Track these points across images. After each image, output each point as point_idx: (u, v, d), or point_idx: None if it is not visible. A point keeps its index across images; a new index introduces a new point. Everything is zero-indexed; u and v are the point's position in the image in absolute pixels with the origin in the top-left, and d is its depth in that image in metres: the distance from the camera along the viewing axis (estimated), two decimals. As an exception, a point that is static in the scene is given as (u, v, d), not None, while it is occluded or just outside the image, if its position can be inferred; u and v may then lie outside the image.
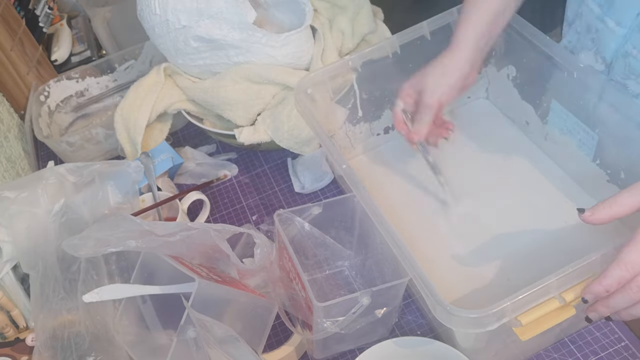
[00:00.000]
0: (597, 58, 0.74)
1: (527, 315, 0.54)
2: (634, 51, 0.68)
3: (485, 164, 0.85)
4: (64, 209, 0.81)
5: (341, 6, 0.95)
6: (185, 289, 0.69)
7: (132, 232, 0.68)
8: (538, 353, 0.68)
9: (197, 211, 0.90)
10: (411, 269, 0.59)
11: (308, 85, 0.79)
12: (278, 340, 0.76)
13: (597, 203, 0.54)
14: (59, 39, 1.33)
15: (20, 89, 1.17)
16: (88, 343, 0.70)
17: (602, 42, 0.72)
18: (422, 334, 0.72)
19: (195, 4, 0.84)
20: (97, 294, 0.68)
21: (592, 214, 0.54)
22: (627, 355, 0.67)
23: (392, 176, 0.87)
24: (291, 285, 0.70)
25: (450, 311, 0.54)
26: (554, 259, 0.71)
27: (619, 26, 0.69)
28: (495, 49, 0.86)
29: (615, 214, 0.53)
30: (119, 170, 0.86)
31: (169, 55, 0.92)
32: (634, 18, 0.67)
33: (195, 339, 0.60)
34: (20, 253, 0.78)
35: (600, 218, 0.54)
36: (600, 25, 0.71)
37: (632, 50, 0.68)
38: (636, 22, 0.67)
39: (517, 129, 0.88)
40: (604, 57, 0.73)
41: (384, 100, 0.88)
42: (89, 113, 1.15)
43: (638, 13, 0.66)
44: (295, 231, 0.71)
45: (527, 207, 0.79)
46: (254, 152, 1.00)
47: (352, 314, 0.62)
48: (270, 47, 0.87)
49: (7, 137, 1.06)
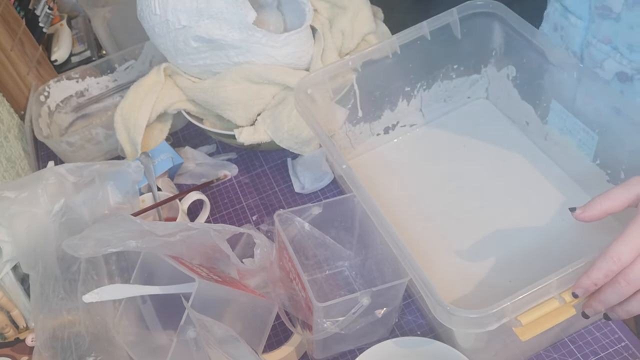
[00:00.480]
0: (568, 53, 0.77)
1: (527, 315, 0.54)
2: (593, 40, 0.72)
3: (485, 164, 0.85)
4: (64, 209, 0.81)
5: (341, 6, 0.95)
6: (185, 289, 0.69)
7: (132, 232, 0.68)
8: (538, 353, 0.68)
9: (197, 211, 0.90)
10: (411, 269, 0.59)
11: (308, 85, 0.79)
12: (278, 340, 0.76)
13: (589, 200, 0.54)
14: (59, 39, 1.33)
15: (20, 89, 1.17)
16: (88, 343, 0.70)
17: (569, 37, 0.76)
18: (422, 334, 0.72)
19: (195, 4, 0.84)
20: (97, 294, 0.68)
21: (583, 211, 0.54)
22: (627, 355, 0.67)
23: (392, 176, 0.87)
24: (291, 286, 0.70)
25: (450, 311, 0.54)
26: (554, 259, 0.71)
27: (579, 20, 0.73)
28: (496, 48, 0.86)
29: (607, 210, 0.53)
30: (119, 170, 0.86)
31: (169, 55, 0.92)
32: (588, 10, 0.71)
33: (195, 339, 0.60)
34: (20, 253, 0.78)
35: (592, 214, 0.54)
36: (564, 21, 0.75)
37: (592, 40, 0.72)
38: (589, 13, 0.71)
39: (517, 129, 0.88)
40: (574, 51, 0.76)
41: (384, 100, 0.88)
42: (89, 113, 1.15)
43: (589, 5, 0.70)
44: (295, 231, 0.71)
45: (527, 207, 0.79)
46: (254, 152, 1.00)
47: (352, 314, 0.62)
48: (270, 47, 0.87)
49: (7, 137, 1.06)
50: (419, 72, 0.87)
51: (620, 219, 0.67)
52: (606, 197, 0.54)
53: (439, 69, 0.88)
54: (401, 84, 0.87)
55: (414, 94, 0.89)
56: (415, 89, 0.88)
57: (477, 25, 0.82)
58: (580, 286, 0.53)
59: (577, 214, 0.54)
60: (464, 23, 0.81)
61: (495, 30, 0.84)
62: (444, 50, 0.85)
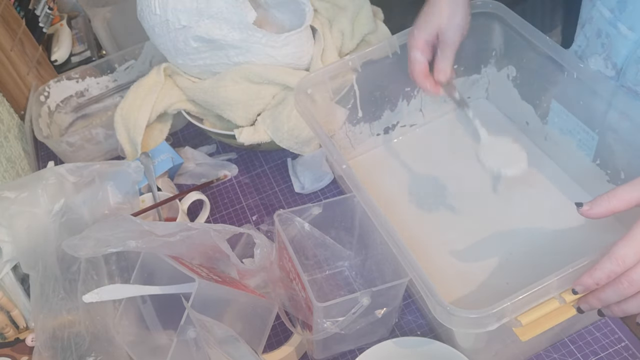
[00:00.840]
0: (607, 64, 0.73)
1: (527, 315, 0.54)
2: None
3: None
4: (64, 209, 0.81)
5: (341, 6, 0.95)
6: (185, 289, 0.69)
7: (132, 232, 0.68)
8: (538, 353, 0.68)
9: (197, 211, 0.90)
10: (411, 269, 0.59)
11: (308, 85, 0.79)
12: (278, 340, 0.76)
13: (596, 197, 0.54)
14: (59, 39, 1.33)
15: (20, 89, 1.17)
16: (88, 343, 0.70)
17: (613, 47, 0.71)
18: (422, 334, 0.72)
19: (195, 4, 0.84)
20: (97, 294, 0.68)
21: (591, 207, 0.54)
22: (627, 355, 0.67)
23: (392, 176, 0.87)
24: (291, 286, 0.70)
25: (450, 311, 0.54)
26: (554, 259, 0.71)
27: (631, 31, 0.68)
28: (496, 48, 0.86)
29: (614, 208, 0.53)
30: (119, 170, 0.86)
31: (169, 55, 0.92)
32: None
33: (195, 339, 0.60)
34: (20, 253, 0.78)
35: (599, 212, 0.54)
36: (612, 30, 0.70)
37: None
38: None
39: (517, 129, 0.88)
40: (614, 62, 0.72)
41: (384, 100, 0.88)
42: (89, 113, 1.15)
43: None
44: (295, 231, 0.71)
45: (527, 207, 0.79)
46: (254, 152, 1.00)
47: (352, 314, 0.62)
48: (270, 47, 0.87)
49: (7, 137, 1.06)
50: (419, 72, 0.87)
51: (620, 219, 0.67)
52: (613, 196, 0.53)
53: (439, 69, 0.88)
54: (401, 84, 0.87)
55: (414, 94, 0.89)
56: (415, 89, 0.88)
57: (477, 25, 0.82)
58: (581, 284, 0.53)
59: (584, 210, 0.54)
60: (464, 23, 0.81)
61: (495, 30, 0.84)
62: (444, 50, 0.85)
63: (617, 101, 0.68)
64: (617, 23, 0.69)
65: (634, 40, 0.68)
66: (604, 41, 0.73)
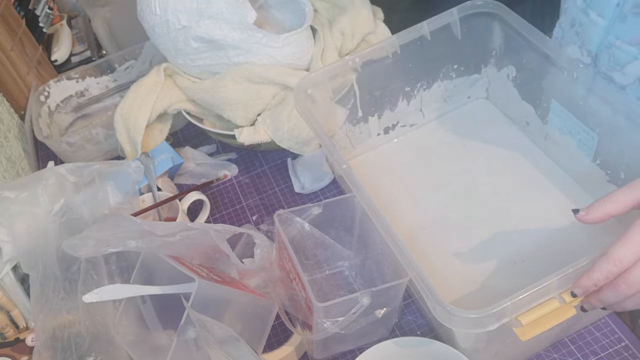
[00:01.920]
0: (582, 51, 0.74)
1: (527, 315, 0.54)
2: (617, 42, 0.69)
3: (485, 164, 0.85)
4: (64, 209, 0.81)
5: (341, 6, 0.95)
6: (185, 289, 0.69)
7: (132, 232, 0.68)
8: (538, 353, 0.68)
9: (197, 211, 0.90)
10: (411, 269, 0.59)
11: (308, 85, 0.79)
12: (278, 340, 0.76)
13: (592, 202, 0.54)
14: (59, 39, 1.33)
15: (20, 89, 1.17)
16: (88, 343, 0.70)
17: (586, 35, 0.72)
18: (422, 334, 0.72)
19: (196, 4, 0.84)
20: (97, 294, 0.68)
21: (587, 213, 0.54)
22: (627, 355, 0.67)
23: (392, 176, 0.87)
24: (291, 286, 0.70)
25: (450, 311, 0.54)
26: (553, 259, 0.71)
27: (600, 17, 0.69)
28: (496, 48, 0.86)
29: (610, 212, 0.53)
30: (119, 170, 0.86)
31: (169, 55, 0.92)
32: (614, 8, 0.67)
33: (195, 339, 0.60)
34: (20, 253, 0.78)
35: (595, 217, 0.54)
36: (584, 18, 0.72)
37: (615, 41, 0.69)
38: (616, 12, 0.67)
39: (517, 129, 0.88)
40: (589, 50, 0.73)
41: (384, 100, 0.88)
42: (89, 113, 1.15)
43: (617, 3, 0.66)
44: (295, 231, 0.71)
45: (527, 207, 0.79)
46: (254, 152, 1.00)
47: (352, 314, 0.62)
48: (270, 47, 0.87)
49: (7, 137, 1.06)
50: (419, 72, 0.87)
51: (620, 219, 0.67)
52: (609, 199, 0.53)
53: (439, 69, 0.88)
54: (401, 84, 0.87)
55: (414, 94, 0.89)
56: (415, 89, 0.88)
57: (477, 25, 0.82)
58: (579, 286, 0.53)
59: (581, 216, 0.54)
60: (464, 23, 0.81)
61: (495, 30, 0.84)
62: (444, 50, 0.85)
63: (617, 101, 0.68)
64: (588, 10, 0.71)
65: (603, 26, 0.69)
66: (578, 30, 0.74)
